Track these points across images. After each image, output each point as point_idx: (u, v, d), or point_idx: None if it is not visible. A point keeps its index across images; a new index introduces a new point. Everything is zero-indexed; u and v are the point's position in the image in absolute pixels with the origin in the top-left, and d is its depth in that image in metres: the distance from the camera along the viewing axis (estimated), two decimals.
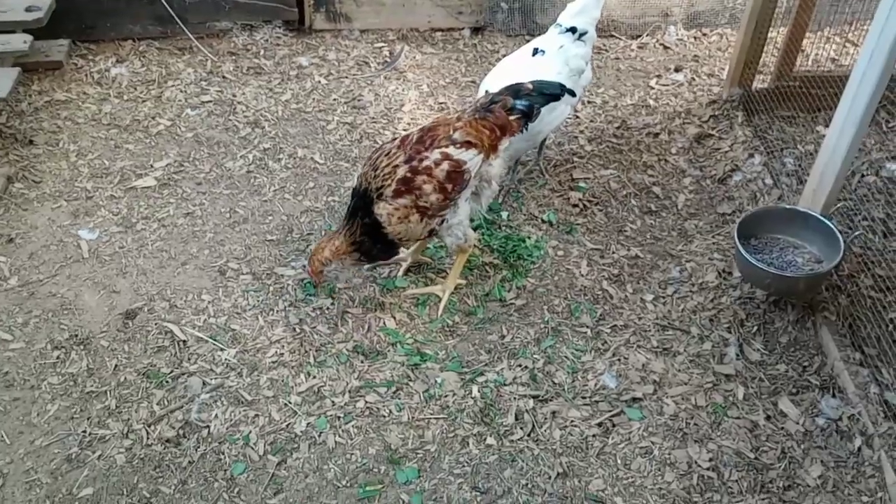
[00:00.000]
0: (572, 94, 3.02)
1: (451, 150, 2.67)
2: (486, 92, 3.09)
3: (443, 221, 2.77)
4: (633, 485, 2.43)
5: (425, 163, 2.65)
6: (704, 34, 4.65)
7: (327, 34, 4.48)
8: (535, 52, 3.30)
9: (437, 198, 2.67)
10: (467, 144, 2.70)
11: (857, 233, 2.92)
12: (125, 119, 3.79)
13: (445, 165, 2.67)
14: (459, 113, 2.80)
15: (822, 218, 2.88)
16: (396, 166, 2.64)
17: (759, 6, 3.68)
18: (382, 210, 2.65)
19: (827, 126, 3.03)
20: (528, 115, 2.81)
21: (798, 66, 3.97)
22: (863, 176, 3.52)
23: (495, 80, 3.19)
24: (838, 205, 2.87)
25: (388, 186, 2.63)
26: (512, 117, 2.78)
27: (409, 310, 2.96)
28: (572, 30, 3.32)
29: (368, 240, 2.72)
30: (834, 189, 2.90)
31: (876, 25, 2.56)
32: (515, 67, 3.27)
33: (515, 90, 2.82)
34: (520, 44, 3.42)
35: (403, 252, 3.04)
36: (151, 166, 3.53)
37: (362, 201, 2.67)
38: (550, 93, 2.87)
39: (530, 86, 2.84)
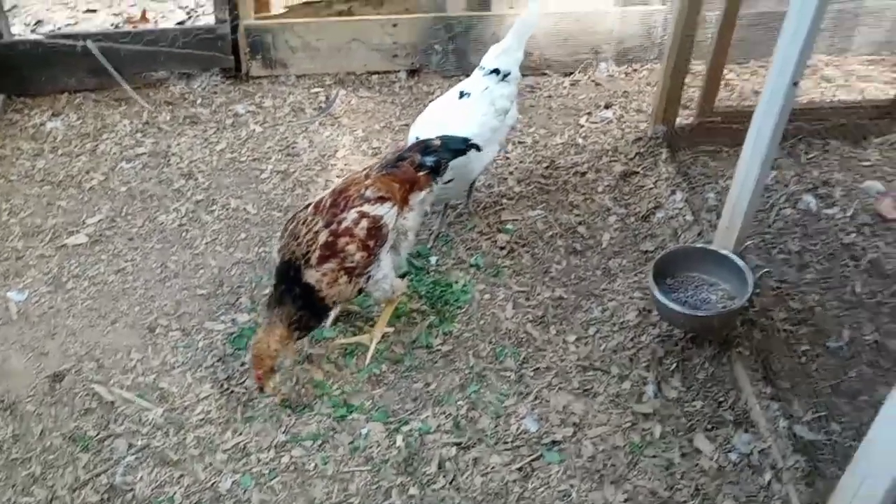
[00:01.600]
0: (478, 148, 3.12)
1: (366, 207, 2.74)
2: (417, 138, 3.18)
3: (369, 278, 2.83)
4: None
5: (344, 224, 2.71)
6: (635, 69, 4.79)
7: (264, 80, 4.55)
8: (462, 94, 3.40)
9: (361, 256, 2.73)
10: (381, 199, 2.77)
11: (763, 270, 3.03)
12: (59, 174, 3.81)
13: (364, 223, 2.73)
14: (367, 170, 2.87)
15: (732, 257, 2.99)
16: (317, 232, 2.69)
17: (677, 43, 3.81)
18: (312, 278, 2.69)
19: None
20: (437, 171, 2.89)
21: (719, 100, 4.11)
22: (780, 209, 3.65)
23: (424, 125, 3.29)
24: (746, 243, 2.98)
25: (312, 253, 2.68)
26: (420, 173, 2.86)
27: (336, 360, 3.01)
28: (496, 71, 3.43)
29: (305, 312, 2.72)
30: (744, 228, 3.02)
31: (775, 64, 2.67)
32: (443, 111, 3.37)
33: (424, 147, 2.91)
34: (455, 84, 3.52)
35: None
36: (84, 223, 3.56)
37: (289, 275, 2.69)
38: (456, 148, 2.96)
39: (438, 142, 2.93)
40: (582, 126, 4.31)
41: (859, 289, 3.24)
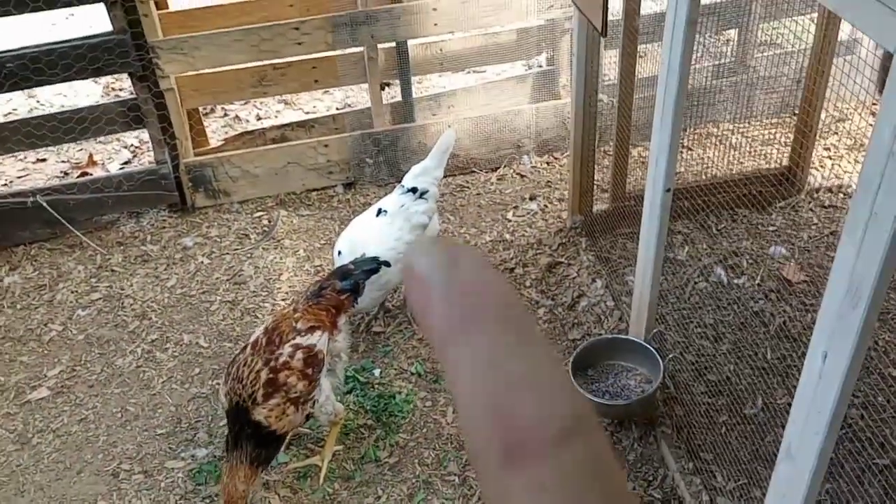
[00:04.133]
0: (388, 265, 3.45)
1: (299, 339, 2.99)
2: (339, 252, 3.56)
3: (314, 403, 3.05)
4: None
5: (282, 359, 2.95)
6: (556, 158, 5.15)
7: (209, 209, 4.83)
8: (379, 212, 3.71)
9: (303, 385, 2.96)
10: (311, 329, 3.02)
11: (670, 355, 3.31)
12: (19, 330, 4.02)
13: (300, 354, 2.97)
14: (294, 304, 3.13)
15: (643, 343, 3.26)
16: (258, 371, 2.92)
17: (580, 135, 4.15)
18: (260, 415, 2.89)
19: None
20: (356, 291, 3.20)
21: (632, 183, 4.46)
22: (695, 283, 3.95)
23: (344, 242, 3.61)
24: (655, 330, 3.26)
25: (257, 392, 2.90)
26: (342, 296, 3.13)
27: (291, 484, 3.20)
28: (413, 190, 3.75)
29: (262, 448, 2.90)
30: (650, 314, 3.29)
31: (649, 174, 2.99)
32: (362, 228, 3.69)
33: (342, 273, 3.22)
34: (390, 191, 3.84)
35: None
36: (45, 375, 3.75)
37: (238, 417, 2.89)
38: (370, 268, 3.29)
39: (352, 266, 3.25)
40: (509, 220, 4.62)
41: (769, 354, 3.52)
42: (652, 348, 3.22)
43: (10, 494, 3.22)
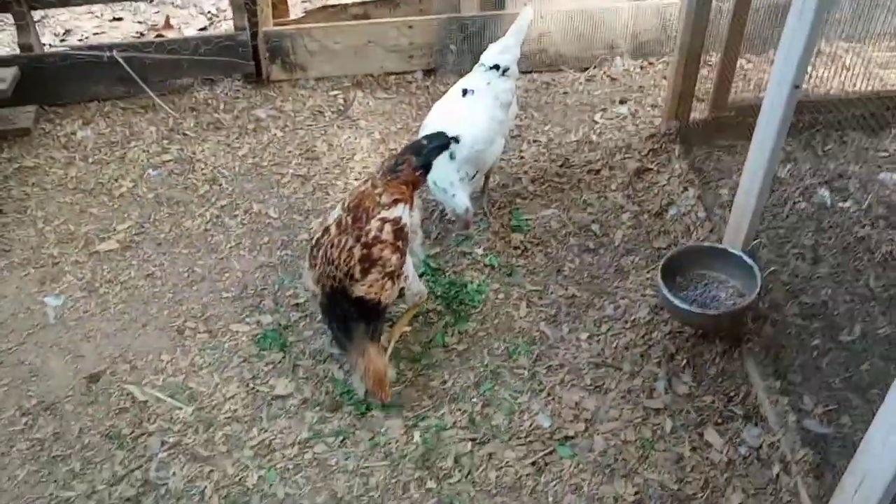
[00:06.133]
0: (457, 141, 3.29)
1: (385, 213, 2.86)
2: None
3: (406, 278, 2.97)
4: None
5: (372, 234, 2.82)
6: (650, 63, 4.82)
7: (284, 84, 4.66)
8: (465, 92, 3.49)
9: (396, 258, 2.86)
10: (395, 202, 2.89)
11: (771, 269, 3.07)
12: (90, 182, 3.97)
13: (388, 227, 2.86)
14: (371, 180, 2.99)
15: (741, 255, 3.04)
16: (350, 249, 2.79)
17: (687, 37, 3.83)
18: (360, 291, 2.79)
19: None
20: (428, 168, 3.06)
21: (734, 94, 4.13)
22: (795, 203, 3.67)
23: (433, 127, 3.40)
24: (756, 241, 3.02)
25: (354, 269, 2.78)
26: (417, 173, 3.00)
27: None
28: (496, 67, 3.53)
29: (373, 322, 2.83)
30: (752, 226, 3.05)
31: (776, 68, 2.70)
32: (451, 110, 3.48)
33: (415, 149, 3.05)
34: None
35: None
36: (114, 229, 3.71)
37: (339, 300, 2.77)
38: (440, 144, 3.14)
39: (425, 142, 3.10)
40: (597, 122, 4.36)
41: (873, 282, 3.26)
42: (751, 261, 3.00)
43: (77, 339, 3.22)
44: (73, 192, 3.92)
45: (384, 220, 2.86)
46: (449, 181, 3.33)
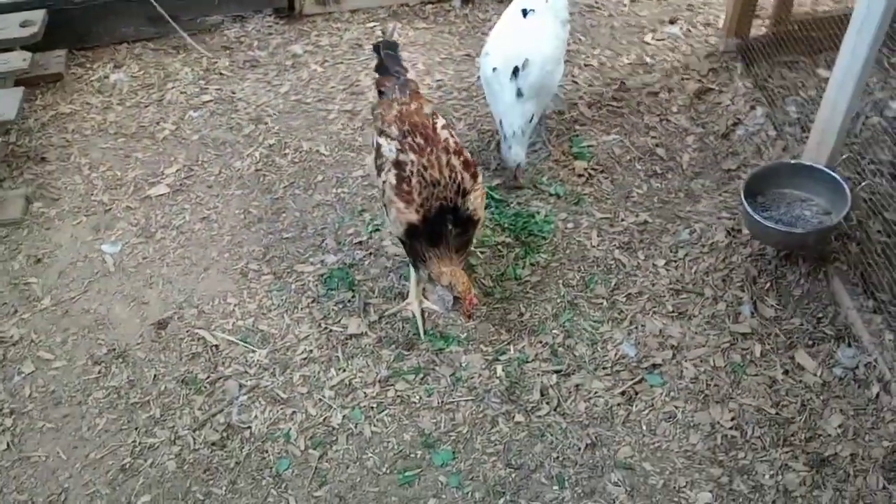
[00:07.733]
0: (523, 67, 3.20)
1: (437, 122, 2.84)
2: (494, 69, 3.22)
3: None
4: (659, 449, 2.54)
5: (451, 142, 2.77)
6: None
7: (318, 18, 4.47)
8: (525, 12, 3.33)
9: (473, 160, 2.83)
10: (434, 112, 2.90)
11: (864, 183, 2.96)
12: (131, 126, 3.83)
13: (452, 133, 2.85)
14: (398, 99, 2.93)
15: (827, 170, 2.92)
16: (449, 162, 2.68)
17: None
18: (469, 203, 2.66)
19: (829, 68, 3.03)
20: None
21: (796, 7, 3.94)
22: (867, 118, 3.53)
23: (499, 55, 3.24)
24: (843, 156, 2.90)
25: (463, 181, 2.66)
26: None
27: (425, 293, 3.03)
28: None
29: (466, 237, 2.72)
30: (838, 141, 2.93)
31: None
32: (513, 30, 3.33)
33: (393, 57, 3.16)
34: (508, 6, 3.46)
35: None
36: (162, 173, 3.59)
37: (444, 221, 2.63)
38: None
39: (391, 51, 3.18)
40: (648, 44, 4.17)
41: None
42: (839, 177, 2.88)
43: (140, 286, 3.14)
44: (114, 137, 3.78)
45: (444, 127, 2.83)
46: (517, 126, 3.20)
